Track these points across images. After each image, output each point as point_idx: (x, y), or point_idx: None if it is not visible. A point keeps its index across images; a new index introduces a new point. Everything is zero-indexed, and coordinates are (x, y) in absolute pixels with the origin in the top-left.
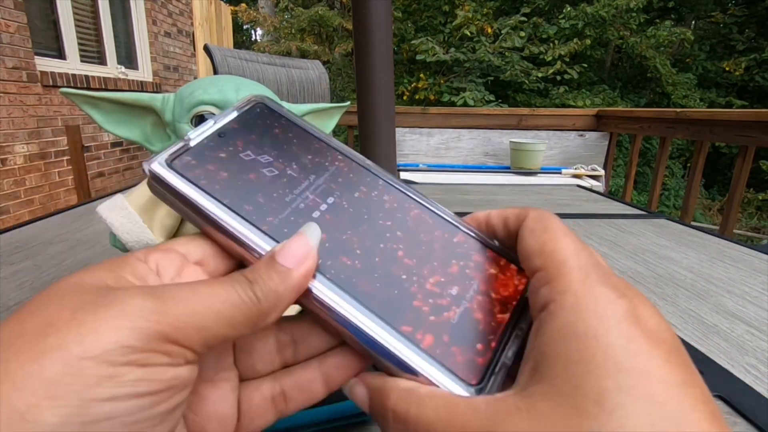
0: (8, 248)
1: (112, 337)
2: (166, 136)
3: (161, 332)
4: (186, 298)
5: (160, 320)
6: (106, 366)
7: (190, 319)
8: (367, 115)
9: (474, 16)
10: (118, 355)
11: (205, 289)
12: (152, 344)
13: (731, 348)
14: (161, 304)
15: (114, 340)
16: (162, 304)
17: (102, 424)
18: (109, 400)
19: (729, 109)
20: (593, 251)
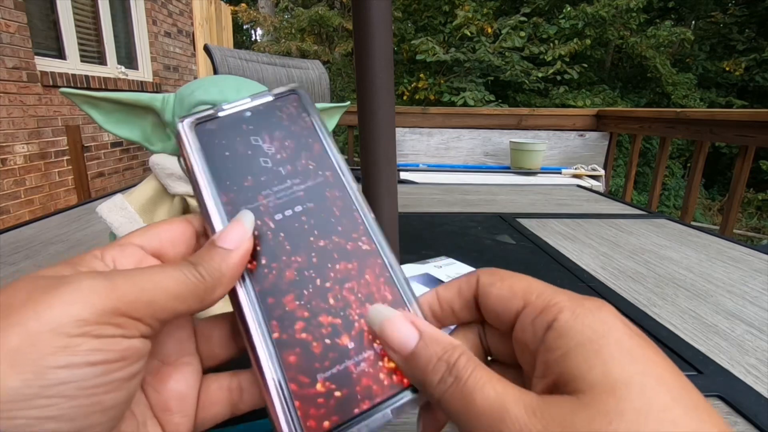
0: (8, 248)
1: (65, 311)
2: (166, 136)
3: (113, 307)
4: (134, 277)
5: (110, 295)
6: (62, 337)
7: (140, 294)
8: (367, 115)
9: (474, 16)
10: (72, 327)
11: (153, 270)
12: (104, 317)
13: (731, 348)
14: (111, 283)
15: (67, 313)
16: (111, 282)
17: (58, 388)
18: (64, 368)
19: (729, 109)
20: None
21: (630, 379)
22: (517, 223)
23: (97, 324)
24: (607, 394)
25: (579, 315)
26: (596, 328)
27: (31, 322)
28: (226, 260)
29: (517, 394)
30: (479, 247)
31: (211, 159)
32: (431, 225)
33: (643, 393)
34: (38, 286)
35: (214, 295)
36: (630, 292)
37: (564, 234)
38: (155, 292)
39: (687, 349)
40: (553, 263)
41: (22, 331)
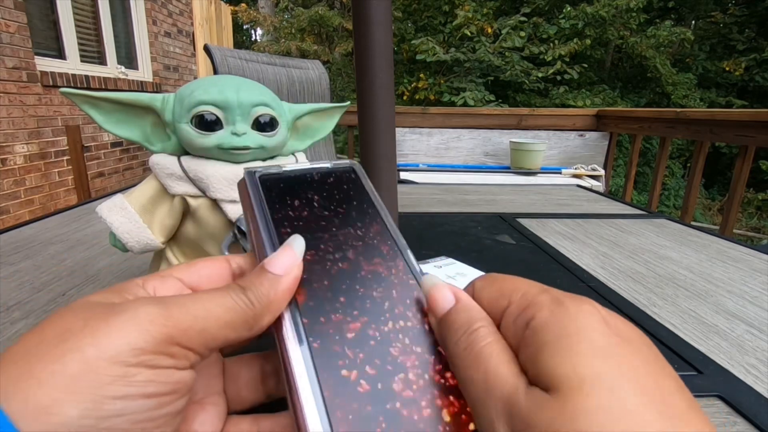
0: (8, 248)
1: (123, 339)
2: (166, 136)
3: (167, 335)
4: (187, 304)
5: (166, 323)
6: (119, 366)
7: (193, 322)
8: (367, 115)
9: (474, 16)
10: (129, 356)
11: (204, 296)
12: (160, 346)
13: (731, 348)
14: (166, 310)
15: (125, 342)
16: (167, 309)
17: (114, 420)
18: (121, 398)
19: (729, 109)
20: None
21: (598, 376)
22: (517, 223)
23: (153, 354)
24: (574, 391)
25: (556, 313)
26: (570, 326)
27: (89, 349)
28: (275, 285)
29: (509, 375)
30: (479, 247)
31: (270, 202)
32: (431, 225)
33: (612, 391)
34: (95, 312)
35: (263, 322)
36: (630, 292)
37: (564, 234)
38: (207, 320)
39: (687, 349)
40: (552, 263)
41: (81, 358)
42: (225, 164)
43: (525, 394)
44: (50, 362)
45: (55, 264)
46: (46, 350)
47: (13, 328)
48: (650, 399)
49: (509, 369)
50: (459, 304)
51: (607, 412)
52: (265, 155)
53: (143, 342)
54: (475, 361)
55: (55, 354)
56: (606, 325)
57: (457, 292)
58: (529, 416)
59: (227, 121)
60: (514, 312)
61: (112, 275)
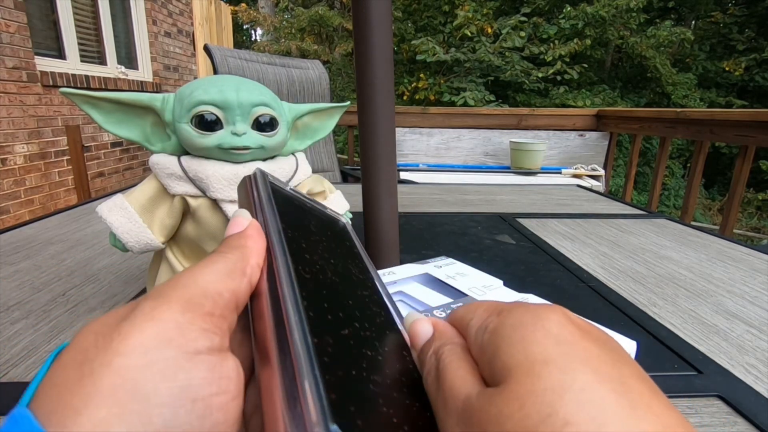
0: (8, 248)
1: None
2: (165, 136)
3: (180, 310)
4: (178, 279)
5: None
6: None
7: (194, 287)
8: (367, 115)
9: (474, 16)
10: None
11: (188, 270)
12: (178, 326)
13: (731, 348)
14: (163, 295)
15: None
16: (163, 294)
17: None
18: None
19: (729, 109)
20: None
21: (549, 358)
22: (517, 223)
23: (179, 335)
24: (524, 376)
25: (515, 311)
26: (527, 317)
27: (115, 359)
28: (242, 235)
29: (468, 384)
30: (479, 247)
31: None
32: (431, 225)
33: (564, 372)
34: (103, 327)
35: (251, 262)
36: (630, 292)
37: (564, 234)
38: (206, 280)
39: (687, 349)
40: (553, 263)
41: (109, 372)
42: (225, 164)
43: (477, 397)
44: (80, 386)
45: (55, 264)
46: (70, 376)
47: (13, 328)
48: (606, 379)
49: (465, 380)
50: (435, 334)
51: (558, 391)
52: (265, 155)
53: (165, 329)
54: (436, 382)
55: (80, 376)
56: (567, 318)
57: (435, 322)
58: (480, 416)
59: (227, 121)
60: (475, 323)
61: (112, 275)
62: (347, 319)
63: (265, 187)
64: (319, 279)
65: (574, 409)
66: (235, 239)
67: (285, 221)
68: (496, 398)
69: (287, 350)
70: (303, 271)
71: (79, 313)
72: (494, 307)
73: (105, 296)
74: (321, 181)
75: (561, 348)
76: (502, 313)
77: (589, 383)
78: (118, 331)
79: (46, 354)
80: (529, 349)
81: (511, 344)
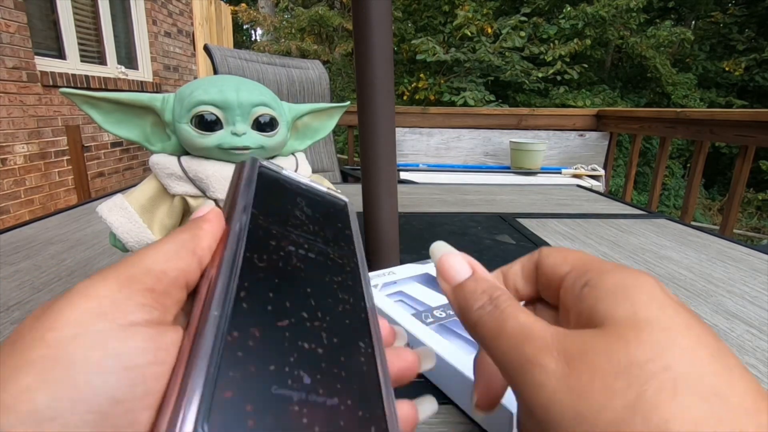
0: (8, 248)
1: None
2: (165, 136)
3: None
4: (124, 261)
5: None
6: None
7: (137, 264)
8: (367, 115)
9: (474, 16)
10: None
11: (138, 252)
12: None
13: (731, 348)
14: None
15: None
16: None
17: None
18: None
19: (729, 109)
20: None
21: (655, 319)
22: (517, 223)
23: (115, 308)
24: (629, 328)
25: (615, 272)
26: (629, 279)
27: (48, 333)
28: (200, 218)
29: (545, 324)
30: (479, 247)
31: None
32: (431, 225)
33: (668, 332)
34: (39, 311)
35: (203, 244)
36: None
37: (564, 234)
38: (149, 257)
39: None
40: None
41: (41, 345)
42: (225, 164)
43: (575, 333)
44: (10, 360)
45: (55, 264)
46: (2, 352)
47: (13, 328)
48: (706, 345)
49: (540, 322)
50: (476, 274)
51: (660, 346)
52: (265, 155)
53: (99, 304)
54: (504, 318)
55: (12, 351)
56: (663, 288)
57: (471, 262)
58: (583, 345)
59: (227, 121)
60: (573, 276)
61: None
62: (294, 309)
63: (251, 172)
64: (277, 266)
65: (677, 359)
66: (192, 223)
67: (260, 206)
68: (603, 335)
69: (197, 342)
70: (257, 258)
71: None
72: (592, 265)
73: None
74: (321, 181)
75: (666, 312)
76: (602, 272)
77: (691, 344)
78: (51, 309)
79: None
80: (635, 308)
81: (616, 301)
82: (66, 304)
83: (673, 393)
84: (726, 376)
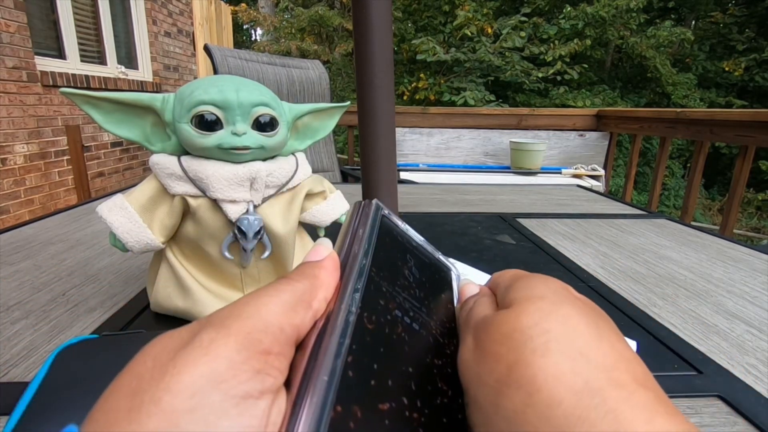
0: (8, 248)
1: (195, 373)
2: (165, 136)
3: (237, 347)
4: (240, 308)
5: (230, 335)
6: (202, 409)
7: (256, 321)
8: (367, 115)
9: (474, 16)
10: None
11: (254, 295)
12: (236, 365)
13: (731, 348)
14: (224, 327)
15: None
16: (224, 325)
17: None
18: None
19: (729, 109)
20: None
21: (545, 296)
22: (517, 223)
23: (234, 376)
24: (524, 301)
25: (528, 276)
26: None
27: (165, 396)
28: (317, 265)
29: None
30: (479, 247)
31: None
32: (431, 225)
33: (553, 304)
34: (165, 349)
35: (319, 296)
36: (630, 292)
37: (564, 234)
38: (268, 309)
39: (687, 349)
40: (553, 263)
41: (156, 411)
42: (225, 164)
43: (490, 313)
44: (128, 421)
45: (55, 264)
46: (121, 406)
47: (13, 328)
48: (584, 316)
49: (486, 309)
50: (479, 293)
51: (546, 312)
52: (265, 155)
53: (217, 368)
54: (467, 313)
55: (130, 408)
56: (564, 286)
57: (481, 287)
58: (489, 321)
59: (227, 121)
60: (502, 284)
61: (112, 275)
62: (396, 390)
63: (374, 219)
64: (384, 333)
65: (554, 324)
66: (309, 267)
67: (377, 259)
68: (501, 314)
69: (299, 409)
70: (367, 319)
71: (79, 313)
72: (515, 275)
73: (105, 296)
74: (321, 181)
75: (557, 294)
76: (519, 277)
77: (570, 314)
78: (174, 363)
79: (46, 354)
80: (532, 290)
81: (520, 289)
82: (186, 361)
83: (544, 352)
84: (595, 341)
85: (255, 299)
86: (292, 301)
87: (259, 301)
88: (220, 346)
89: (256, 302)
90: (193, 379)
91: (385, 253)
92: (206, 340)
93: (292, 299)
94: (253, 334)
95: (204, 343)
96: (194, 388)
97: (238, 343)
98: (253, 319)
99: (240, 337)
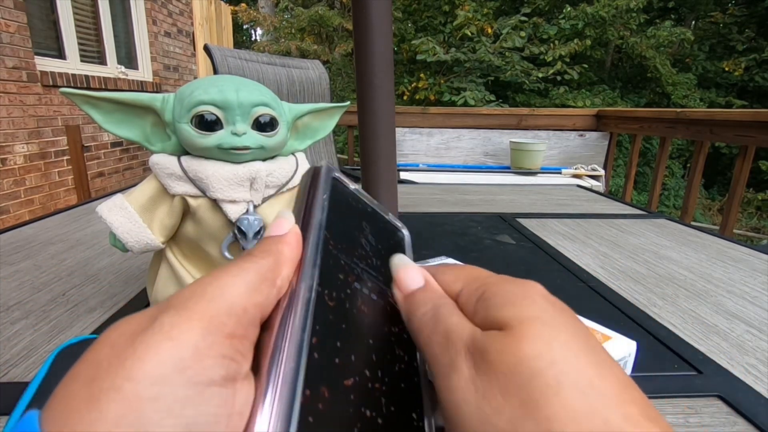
0: (8, 248)
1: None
2: (165, 135)
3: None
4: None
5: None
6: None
7: (220, 304)
8: (367, 115)
9: (474, 16)
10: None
11: (215, 276)
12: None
13: (731, 348)
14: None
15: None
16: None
17: None
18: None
19: (729, 109)
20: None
21: (537, 316)
22: (517, 223)
23: (200, 361)
24: (517, 326)
25: (502, 284)
26: (516, 290)
27: (125, 384)
28: (280, 240)
29: (468, 325)
30: (479, 247)
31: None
32: (431, 225)
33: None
34: (122, 337)
35: (283, 273)
36: (630, 292)
37: (564, 234)
38: (232, 290)
39: (687, 349)
40: (553, 263)
41: (117, 397)
42: (225, 164)
43: (481, 334)
44: (87, 410)
45: (55, 264)
46: (80, 393)
47: (13, 328)
48: (580, 338)
49: (466, 324)
50: (428, 285)
51: (547, 341)
52: (265, 155)
53: (181, 355)
54: (437, 322)
55: (89, 396)
56: (545, 295)
57: (425, 275)
58: (485, 345)
59: (227, 121)
60: (466, 293)
61: (112, 275)
62: (358, 364)
63: (325, 185)
64: (345, 308)
65: (558, 354)
66: (272, 242)
67: (332, 228)
68: (499, 336)
69: (268, 400)
70: (328, 296)
71: (79, 313)
72: (483, 280)
73: (105, 296)
74: None
75: (546, 312)
76: (490, 285)
77: (568, 339)
78: (134, 349)
79: (46, 354)
80: (521, 310)
81: (505, 307)
82: (147, 347)
83: (557, 389)
84: (599, 368)
85: (218, 279)
86: (257, 280)
87: (222, 281)
88: (183, 332)
89: (219, 282)
90: (156, 366)
91: (341, 223)
92: (167, 324)
93: (256, 278)
94: (217, 317)
95: (165, 327)
96: (157, 375)
97: (202, 328)
98: (217, 302)
99: (204, 321)
